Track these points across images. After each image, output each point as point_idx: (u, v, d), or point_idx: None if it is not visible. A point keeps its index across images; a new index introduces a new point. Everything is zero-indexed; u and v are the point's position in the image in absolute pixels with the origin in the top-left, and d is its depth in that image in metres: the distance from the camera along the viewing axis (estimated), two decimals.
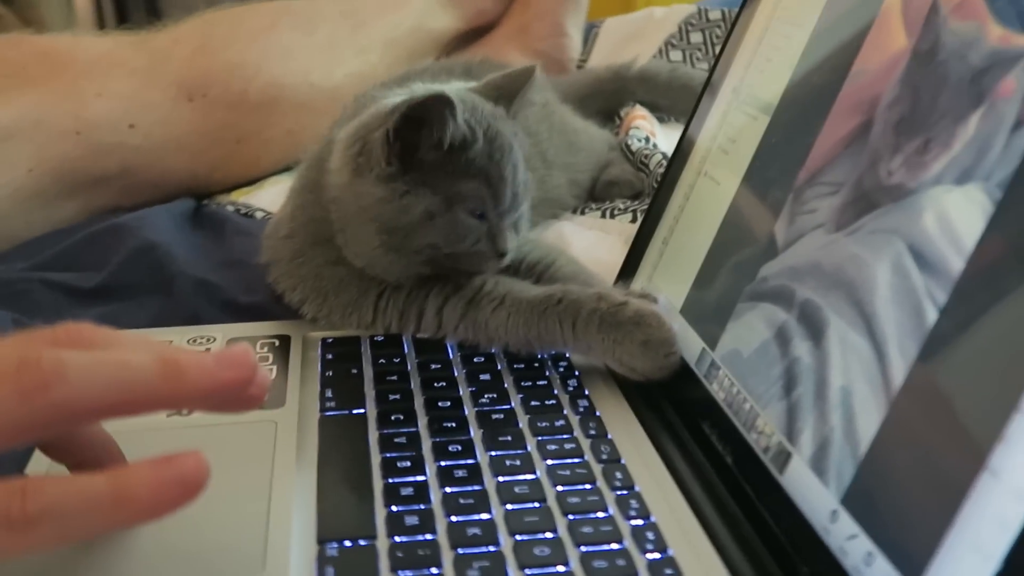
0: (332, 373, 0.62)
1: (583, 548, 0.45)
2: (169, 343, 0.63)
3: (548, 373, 0.62)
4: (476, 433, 0.55)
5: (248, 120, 0.98)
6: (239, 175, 1.01)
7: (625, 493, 0.49)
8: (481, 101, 0.64)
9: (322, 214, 0.65)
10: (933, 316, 0.40)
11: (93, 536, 0.42)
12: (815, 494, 0.43)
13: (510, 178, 0.62)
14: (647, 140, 0.95)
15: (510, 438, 0.54)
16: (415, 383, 0.60)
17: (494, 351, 0.64)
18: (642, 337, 0.58)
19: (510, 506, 0.48)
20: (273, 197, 0.91)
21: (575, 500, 0.49)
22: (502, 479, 0.50)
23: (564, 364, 0.63)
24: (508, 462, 0.52)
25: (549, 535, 0.46)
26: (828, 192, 0.50)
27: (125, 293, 0.76)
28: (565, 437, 0.54)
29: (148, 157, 0.93)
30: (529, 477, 0.51)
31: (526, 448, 0.53)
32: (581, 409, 0.58)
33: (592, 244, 0.81)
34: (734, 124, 0.64)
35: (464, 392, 0.59)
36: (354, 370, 0.62)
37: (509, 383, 0.60)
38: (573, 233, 0.83)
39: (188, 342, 0.65)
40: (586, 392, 0.60)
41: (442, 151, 0.60)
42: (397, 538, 0.46)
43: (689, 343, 0.58)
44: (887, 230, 0.45)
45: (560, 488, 0.50)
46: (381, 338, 0.66)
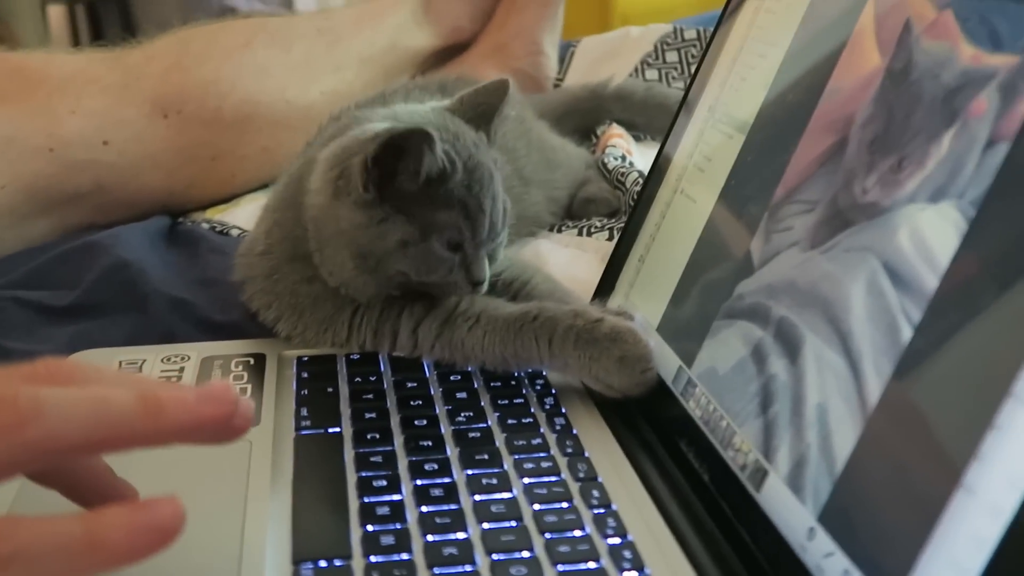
0: (307, 392, 0.61)
1: (560, 567, 0.45)
2: (152, 377, 0.62)
3: (525, 391, 0.61)
4: (453, 452, 0.55)
5: (223, 137, 0.98)
6: (214, 192, 1.00)
7: (602, 511, 0.49)
8: (464, 129, 0.63)
9: (300, 232, 0.64)
10: (908, 333, 0.40)
11: None
12: (792, 512, 0.43)
13: (488, 209, 0.62)
14: (623, 158, 0.96)
15: (487, 456, 0.54)
16: (391, 401, 0.60)
17: (471, 369, 0.63)
18: (619, 353, 0.58)
19: (487, 525, 0.48)
20: (249, 215, 0.90)
21: (552, 519, 0.48)
22: (479, 498, 0.50)
23: (541, 382, 0.63)
24: (485, 481, 0.52)
25: (526, 554, 0.46)
26: (803, 210, 0.51)
27: (98, 311, 0.75)
28: (542, 455, 0.54)
29: (122, 174, 0.93)
30: (506, 496, 0.50)
31: (503, 467, 0.53)
32: (558, 427, 0.57)
33: (569, 262, 0.81)
34: (710, 142, 0.64)
35: (441, 410, 0.59)
36: (330, 388, 0.61)
37: (486, 401, 0.60)
38: (550, 251, 0.83)
39: (162, 360, 0.65)
40: (563, 410, 0.59)
41: (420, 182, 0.60)
42: (373, 558, 0.45)
43: (666, 360, 0.58)
44: (862, 248, 0.45)
45: (537, 507, 0.49)
46: (357, 356, 0.65)
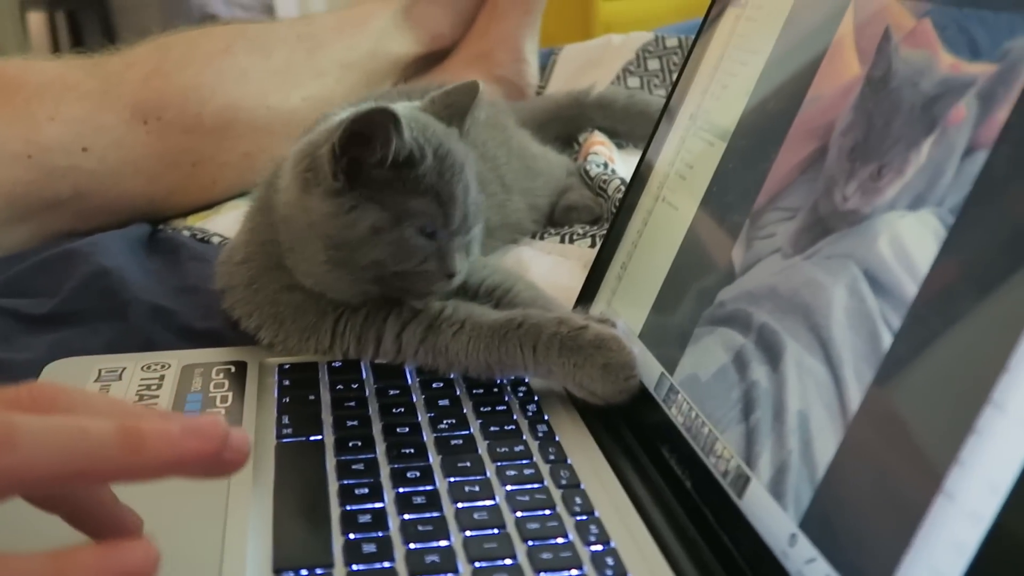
0: (289, 399, 0.61)
1: (543, 574, 0.45)
2: (143, 406, 0.60)
3: (507, 398, 0.61)
4: (435, 459, 0.54)
5: (204, 143, 0.97)
6: (196, 199, 1.00)
7: (585, 518, 0.49)
8: (432, 121, 0.64)
9: (274, 236, 0.64)
10: (888, 340, 0.40)
11: None
12: (774, 518, 0.44)
13: (461, 198, 0.62)
14: (605, 166, 0.96)
15: (469, 464, 0.54)
16: (373, 409, 0.60)
17: (453, 376, 0.63)
18: (602, 360, 0.58)
19: (469, 532, 0.48)
20: (230, 222, 0.90)
21: (534, 526, 0.48)
22: (461, 505, 0.50)
23: (523, 389, 0.62)
24: (467, 488, 0.51)
25: (508, 561, 0.46)
26: (785, 217, 0.51)
27: (78, 319, 0.75)
28: (524, 462, 0.54)
29: (102, 181, 0.92)
30: (488, 503, 0.50)
31: (485, 474, 0.53)
32: (540, 434, 0.57)
33: (551, 269, 0.81)
34: (691, 150, 0.64)
35: (423, 418, 0.59)
36: (311, 396, 0.61)
37: (468, 409, 0.60)
38: (532, 258, 0.83)
39: (142, 368, 0.64)
40: (545, 417, 0.59)
41: (389, 167, 0.59)
42: (355, 566, 0.45)
43: (648, 368, 0.59)
44: (842, 255, 0.45)
45: (519, 514, 0.49)
46: (339, 364, 0.65)
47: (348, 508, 0.49)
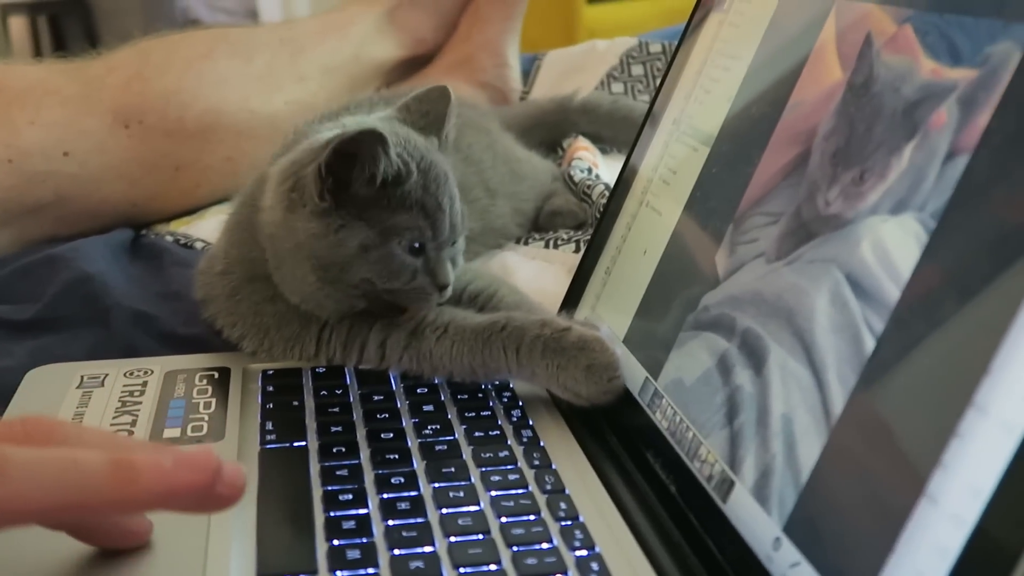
0: (273, 405, 0.61)
1: None
2: (137, 439, 0.58)
3: (492, 404, 0.61)
4: (419, 465, 0.54)
5: (186, 147, 0.97)
6: (178, 203, 0.99)
7: (569, 524, 0.49)
8: (411, 132, 0.63)
9: (257, 252, 0.64)
10: (871, 344, 0.40)
11: None
12: (758, 522, 0.44)
13: (448, 208, 0.62)
14: (590, 171, 0.96)
15: (453, 469, 0.54)
16: (357, 415, 0.60)
17: (437, 382, 0.63)
18: (586, 362, 0.58)
19: (454, 538, 0.48)
20: (213, 227, 0.89)
21: (519, 531, 0.48)
22: (446, 511, 0.50)
23: (508, 394, 0.62)
24: (452, 494, 0.51)
25: (493, 567, 0.46)
26: (768, 222, 0.51)
27: (60, 325, 0.74)
28: (509, 468, 0.54)
29: (84, 185, 0.92)
30: (473, 509, 0.50)
31: (470, 479, 0.53)
32: (525, 439, 0.57)
33: (535, 274, 0.81)
34: (675, 155, 0.64)
35: (407, 423, 0.59)
36: (295, 402, 0.61)
37: (452, 414, 0.60)
38: (517, 263, 0.83)
39: (125, 375, 0.64)
40: (530, 422, 0.59)
41: (376, 186, 0.59)
42: (339, 573, 0.45)
43: (632, 372, 0.59)
44: (825, 259, 0.45)
45: (504, 519, 0.49)
46: (323, 370, 0.65)
47: (332, 514, 0.49)
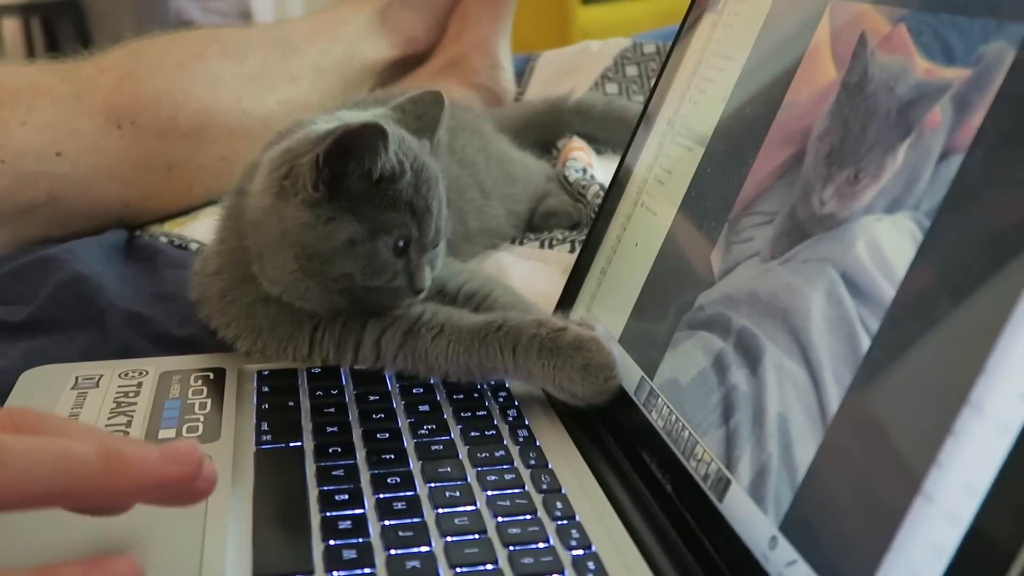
0: (268, 406, 0.61)
1: None
2: (119, 433, 0.59)
3: (487, 403, 0.61)
4: (415, 465, 0.54)
5: (179, 147, 0.97)
6: (172, 204, 0.99)
7: (565, 523, 0.49)
8: (406, 133, 0.64)
9: (243, 243, 0.64)
10: (866, 343, 0.40)
11: None
12: (754, 521, 0.44)
13: (435, 211, 0.62)
14: (584, 171, 0.96)
15: (449, 469, 0.54)
16: (353, 415, 0.59)
17: (433, 382, 0.63)
18: (582, 361, 0.58)
19: (450, 538, 0.48)
20: (207, 228, 0.89)
21: (515, 531, 0.48)
22: (442, 511, 0.50)
23: (504, 394, 0.62)
24: (448, 494, 0.51)
25: (490, 566, 0.46)
26: (763, 221, 0.51)
27: (54, 326, 0.74)
28: (505, 467, 0.54)
29: (77, 186, 0.92)
30: (469, 508, 0.50)
31: (466, 479, 0.53)
32: (521, 439, 0.57)
33: (531, 274, 0.81)
34: (670, 155, 0.64)
35: (403, 423, 0.59)
36: (291, 403, 0.61)
37: (448, 414, 0.60)
38: (512, 264, 0.83)
39: (120, 376, 0.64)
40: (526, 422, 0.59)
41: (370, 181, 0.59)
42: (335, 573, 0.45)
43: (628, 372, 0.59)
44: (820, 259, 0.45)
45: (500, 519, 0.49)
46: (318, 370, 0.65)
47: (328, 514, 0.49)
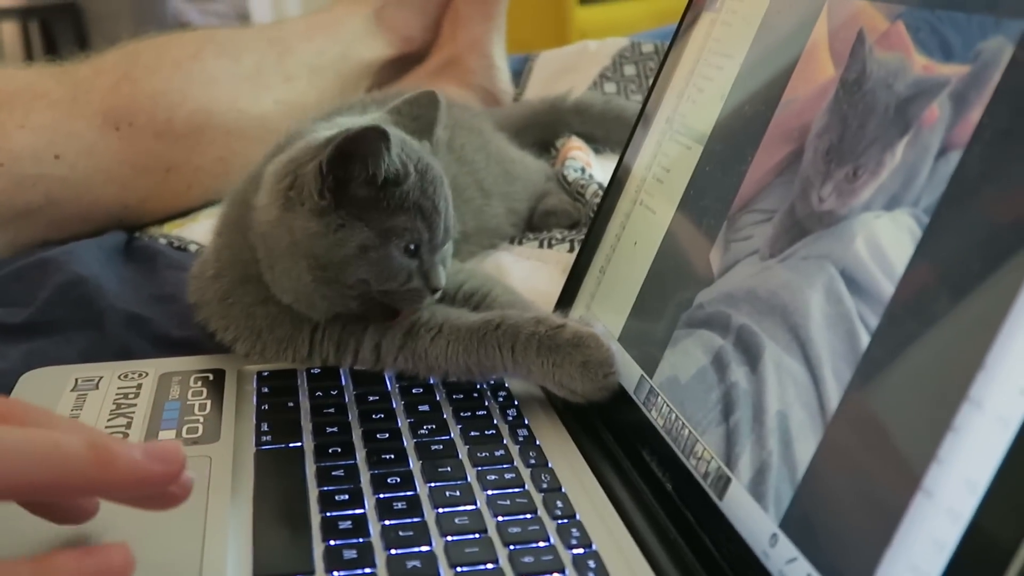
0: (268, 407, 0.61)
1: None
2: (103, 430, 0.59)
3: (487, 403, 0.61)
4: (415, 465, 0.54)
5: (176, 148, 0.97)
6: (171, 205, 0.99)
7: (566, 522, 0.49)
8: (406, 135, 0.63)
9: (248, 254, 0.64)
10: (866, 340, 0.40)
11: None
12: (754, 518, 0.44)
13: (443, 211, 0.62)
14: (583, 170, 0.96)
15: (449, 469, 0.54)
16: (353, 415, 0.59)
17: (432, 382, 0.63)
18: (581, 358, 0.58)
19: (450, 538, 0.48)
20: (206, 229, 0.89)
21: (516, 530, 0.48)
22: (442, 510, 0.50)
23: (503, 394, 0.62)
24: (448, 493, 0.51)
25: (490, 566, 0.46)
26: (761, 219, 0.51)
27: (54, 328, 0.74)
28: (505, 467, 0.54)
29: (75, 188, 0.92)
30: (469, 508, 0.50)
31: (466, 479, 0.53)
32: (521, 438, 0.57)
33: (530, 274, 0.81)
34: (668, 154, 0.64)
35: (403, 423, 0.59)
36: (290, 403, 0.61)
37: (448, 414, 0.60)
38: (511, 263, 0.83)
39: (119, 377, 0.64)
40: (526, 421, 0.59)
41: (375, 185, 0.59)
42: (336, 573, 0.45)
43: (627, 370, 0.59)
44: (819, 256, 0.45)
45: (500, 518, 0.49)
46: (318, 371, 0.65)
47: (328, 514, 0.49)
